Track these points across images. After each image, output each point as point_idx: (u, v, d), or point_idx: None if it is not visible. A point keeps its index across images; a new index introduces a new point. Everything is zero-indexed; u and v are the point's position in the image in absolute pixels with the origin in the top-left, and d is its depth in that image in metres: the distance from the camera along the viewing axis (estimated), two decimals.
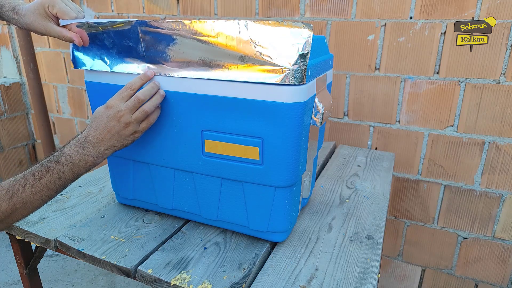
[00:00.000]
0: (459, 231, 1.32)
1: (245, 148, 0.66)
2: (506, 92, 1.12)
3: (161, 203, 0.81)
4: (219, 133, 0.68)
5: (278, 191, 0.69)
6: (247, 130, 0.65)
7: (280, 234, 0.74)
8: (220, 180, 0.72)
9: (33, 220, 0.81)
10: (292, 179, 0.68)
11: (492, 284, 1.32)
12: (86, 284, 1.67)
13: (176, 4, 1.53)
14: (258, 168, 0.67)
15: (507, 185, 1.20)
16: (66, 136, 2.10)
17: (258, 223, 0.73)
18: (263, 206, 0.71)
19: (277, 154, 0.65)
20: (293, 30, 0.58)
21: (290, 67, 0.58)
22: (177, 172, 0.76)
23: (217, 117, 0.67)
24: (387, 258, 1.46)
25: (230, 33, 0.61)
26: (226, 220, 0.76)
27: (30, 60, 1.82)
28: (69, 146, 0.65)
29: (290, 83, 0.59)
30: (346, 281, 0.65)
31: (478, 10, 1.09)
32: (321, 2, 1.28)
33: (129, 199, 0.86)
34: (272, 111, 0.62)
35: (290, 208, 0.72)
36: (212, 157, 0.70)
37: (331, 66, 0.82)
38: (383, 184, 1.04)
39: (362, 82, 1.30)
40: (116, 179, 0.86)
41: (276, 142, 0.64)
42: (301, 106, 0.61)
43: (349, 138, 1.39)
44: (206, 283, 0.63)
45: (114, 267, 0.69)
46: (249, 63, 0.61)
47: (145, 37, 0.68)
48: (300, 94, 0.61)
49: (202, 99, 0.66)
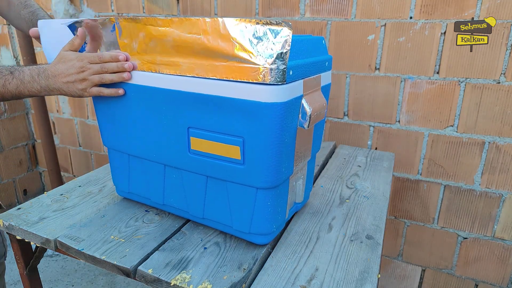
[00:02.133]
0: (459, 231, 1.32)
1: (227, 147, 0.67)
2: (506, 92, 1.12)
3: (153, 197, 0.83)
4: (204, 131, 0.68)
5: (260, 192, 0.68)
6: (229, 129, 0.65)
7: (263, 236, 0.73)
8: (206, 178, 0.73)
9: (33, 220, 0.82)
10: (274, 181, 0.67)
11: (492, 284, 1.32)
12: (86, 284, 1.67)
13: (176, 4, 1.53)
14: (239, 167, 0.67)
15: (507, 185, 1.20)
16: (66, 136, 2.11)
17: (241, 223, 0.72)
18: (245, 207, 0.70)
19: (257, 154, 0.65)
20: (272, 29, 0.58)
21: (269, 66, 0.58)
22: (167, 168, 0.78)
23: (202, 115, 0.67)
24: (387, 258, 1.46)
25: (211, 31, 0.61)
26: (211, 219, 0.77)
27: (30, 60, 1.82)
28: (29, 68, 0.75)
29: (269, 83, 0.59)
30: (346, 281, 0.65)
31: (478, 10, 1.09)
32: (321, 2, 1.28)
33: (126, 192, 0.89)
34: (251, 110, 0.61)
35: (273, 210, 0.71)
36: (198, 154, 0.71)
37: (328, 68, 0.81)
38: (383, 184, 1.04)
39: (362, 82, 1.30)
40: (115, 172, 0.89)
41: (256, 142, 0.64)
42: (281, 106, 0.61)
43: (349, 138, 1.39)
44: (206, 283, 0.63)
45: (114, 267, 0.69)
46: (230, 61, 0.61)
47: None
48: (280, 94, 0.60)
49: (187, 96, 0.67)
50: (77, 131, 2.05)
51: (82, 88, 0.74)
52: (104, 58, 0.73)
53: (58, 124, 2.10)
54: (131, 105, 0.76)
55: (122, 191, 0.90)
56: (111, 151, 0.86)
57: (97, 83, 0.74)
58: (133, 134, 0.78)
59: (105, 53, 0.73)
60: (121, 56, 0.72)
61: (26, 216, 0.83)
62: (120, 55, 0.72)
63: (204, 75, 0.64)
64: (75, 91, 0.75)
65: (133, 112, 0.76)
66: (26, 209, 0.86)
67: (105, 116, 0.82)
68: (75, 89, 0.74)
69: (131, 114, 0.77)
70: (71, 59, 0.74)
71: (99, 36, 0.76)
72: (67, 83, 0.74)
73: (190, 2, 1.49)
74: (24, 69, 0.75)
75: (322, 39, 0.81)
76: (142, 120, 0.75)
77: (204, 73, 0.64)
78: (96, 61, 0.73)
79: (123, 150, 0.83)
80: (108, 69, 0.73)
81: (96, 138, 2.00)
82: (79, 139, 2.06)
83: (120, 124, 0.80)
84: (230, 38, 0.60)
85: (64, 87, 0.74)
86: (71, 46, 0.75)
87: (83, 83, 0.74)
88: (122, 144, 0.82)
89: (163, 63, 0.68)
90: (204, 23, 0.62)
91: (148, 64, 0.70)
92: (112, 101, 0.78)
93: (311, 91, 0.71)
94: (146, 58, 0.70)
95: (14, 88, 0.74)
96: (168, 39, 0.66)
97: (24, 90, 0.75)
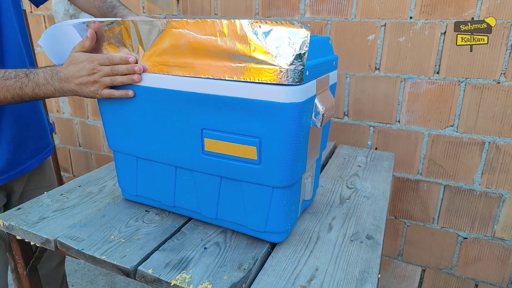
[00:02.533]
0: (459, 231, 1.32)
1: (244, 148, 0.67)
2: (506, 92, 1.13)
3: (164, 200, 0.82)
4: (218, 132, 0.68)
5: (276, 191, 0.69)
6: (245, 130, 0.65)
7: (278, 234, 0.74)
8: (219, 178, 0.73)
9: (33, 220, 0.82)
10: (290, 180, 0.68)
11: (492, 284, 1.32)
12: (86, 284, 1.67)
13: (176, 4, 1.53)
14: (256, 167, 0.67)
15: (507, 185, 1.20)
16: (66, 136, 2.11)
17: (256, 223, 0.73)
18: (261, 206, 0.71)
19: (274, 154, 0.65)
20: (291, 30, 0.58)
21: (287, 67, 0.58)
22: (178, 169, 0.77)
23: (217, 116, 0.67)
24: (387, 258, 1.46)
25: (228, 33, 0.61)
26: (225, 219, 0.76)
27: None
28: (43, 70, 0.76)
29: (287, 83, 0.59)
30: (346, 281, 0.65)
31: (478, 10, 1.09)
32: (321, 2, 1.28)
33: (134, 195, 0.88)
34: (269, 111, 0.62)
35: (288, 209, 0.72)
36: (212, 155, 0.70)
37: (335, 67, 0.82)
38: (383, 184, 1.04)
39: (362, 82, 1.30)
40: (122, 175, 0.87)
41: (273, 142, 0.64)
42: (298, 106, 0.61)
43: (349, 138, 1.39)
44: (206, 283, 0.63)
45: (114, 267, 0.69)
46: (247, 62, 0.61)
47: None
48: (298, 94, 0.61)
49: (201, 98, 0.66)
50: (77, 131, 2.05)
51: (94, 90, 0.75)
52: (114, 60, 0.73)
53: (58, 124, 2.10)
54: (141, 108, 0.75)
55: (129, 194, 0.89)
56: (118, 154, 0.85)
57: (108, 85, 0.74)
58: (143, 136, 0.77)
59: (115, 55, 0.73)
60: (131, 58, 0.72)
61: (26, 216, 0.83)
62: (130, 57, 0.72)
63: (220, 77, 0.63)
64: (88, 92, 0.75)
65: (143, 114, 0.75)
66: (26, 209, 0.86)
67: (111, 118, 0.81)
68: (87, 91, 0.75)
69: (141, 116, 0.76)
70: (81, 60, 0.74)
71: (104, 36, 0.75)
72: (79, 84, 0.74)
73: (190, 2, 1.49)
74: (38, 72, 0.76)
75: (328, 39, 0.81)
76: (153, 122, 0.75)
77: (220, 75, 0.63)
78: (106, 63, 0.73)
79: (131, 153, 0.82)
80: (118, 71, 0.72)
81: (96, 138, 2.00)
82: (79, 139, 2.06)
83: (129, 127, 0.79)
84: (247, 39, 0.60)
85: (77, 88, 0.75)
86: (82, 47, 0.75)
87: (94, 85, 0.74)
88: (130, 147, 0.81)
89: (176, 65, 0.67)
90: (221, 24, 0.62)
91: (160, 66, 0.69)
92: (120, 103, 0.77)
93: (322, 91, 0.72)
94: (157, 60, 0.70)
95: (30, 91, 0.76)
96: (182, 41, 0.66)
97: (40, 92, 0.76)
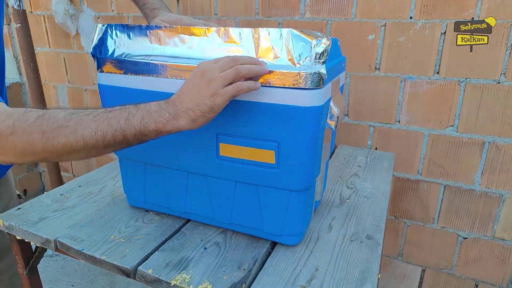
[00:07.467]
0: (459, 231, 1.32)
1: (261, 152, 0.66)
2: (506, 92, 1.12)
3: (174, 206, 0.81)
4: (234, 137, 0.67)
5: (293, 194, 0.68)
6: (263, 134, 0.65)
7: (295, 237, 0.74)
8: (235, 183, 0.72)
9: (33, 220, 0.82)
10: (308, 183, 0.68)
11: (492, 284, 1.32)
12: (86, 284, 1.67)
13: (176, 4, 1.52)
14: (273, 171, 0.67)
15: (507, 185, 1.20)
16: None
17: (273, 226, 0.72)
18: (278, 210, 0.70)
19: (293, 158, 0.65)
20: (313, 40, 0.60)
21: (309, 71, 0.59)
22: (190, 175, 0.76)
23: (233, 121, 0.66)
24: (387, 258, 1.46)
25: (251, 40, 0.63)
26: (239, 224, 0.76)
27: (30, 60, 1.82)
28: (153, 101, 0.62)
29: (307, 87, 0.60)
30: (346, 281, 0.65)
31: (478, 10, 1.09)
32: (321, 2, 1.28)
33: (141, 201, 0.86)
34: (289, 115, 0.62)
35: (304, 211, 0.71)
36: (227, 160, 0.70)
37: (343, 69, 0.82)
38: (383, 184, 1.04)
39: (362, 82, 1.30)
40: (128, 182, 0.85)
41: (292, 146, 0.64)
42: (318, 109, 0.62)
43: (349, 138, 1.39)
44: (206, 283, 0.63)
45: (114, 267, 0.69)
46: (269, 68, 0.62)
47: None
48: (317, 98, 0.61)
49: None
50: None
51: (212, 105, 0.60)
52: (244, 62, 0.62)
53: None
54: None
55: (136, 200, 0.87)
56: (123, 161, 0.83)
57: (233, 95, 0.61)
58: (152, 142, 0.72)
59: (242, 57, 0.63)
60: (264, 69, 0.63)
61: (26, 216, 0.83)
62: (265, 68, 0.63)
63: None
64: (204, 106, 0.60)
65: None
66: (26, 209, 0.86)
67: None
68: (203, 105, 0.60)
69: None
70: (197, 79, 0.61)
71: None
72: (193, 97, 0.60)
73: (190, 2, 1.49)
74: (149, 102, 0.62)
75: (336, 40, 0.81)
76: None
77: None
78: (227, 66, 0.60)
79: (139, 159, 0.80)
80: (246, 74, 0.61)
81: None
82: None
83: None
84: (270, 46, 0.61)
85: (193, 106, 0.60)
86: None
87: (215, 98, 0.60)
88: (137, 153, 0.77)
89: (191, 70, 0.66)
90: (244, 32, 0.63)
91: (175, 71, 0.69)
92: None
93: (335, 93, 0.73)
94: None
95: (138, 121, 0.60)
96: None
97: (150, 122, 0.60)
